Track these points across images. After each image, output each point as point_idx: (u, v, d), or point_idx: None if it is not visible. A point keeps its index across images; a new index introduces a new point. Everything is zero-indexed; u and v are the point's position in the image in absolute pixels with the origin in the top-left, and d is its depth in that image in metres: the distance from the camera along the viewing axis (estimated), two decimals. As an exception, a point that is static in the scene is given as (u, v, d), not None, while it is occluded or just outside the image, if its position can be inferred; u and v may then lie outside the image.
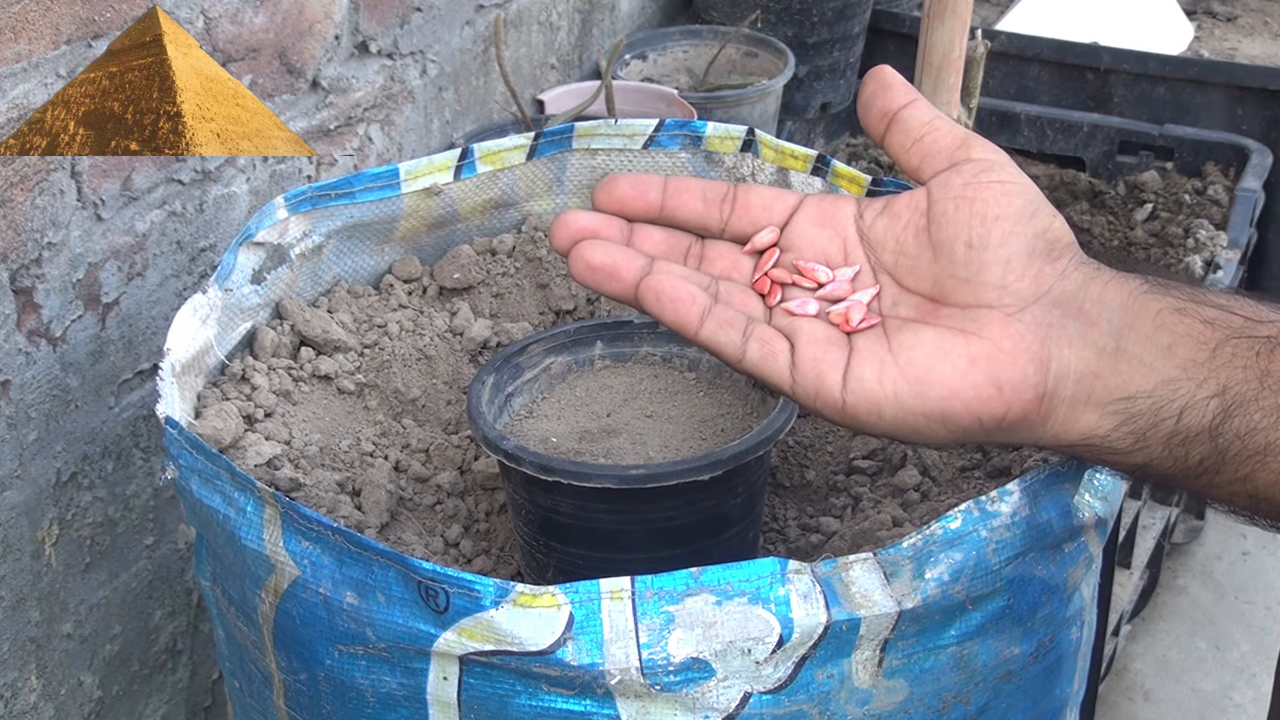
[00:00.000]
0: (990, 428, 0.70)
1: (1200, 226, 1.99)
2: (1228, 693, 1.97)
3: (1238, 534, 2.24)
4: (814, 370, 0.70)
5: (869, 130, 0.75)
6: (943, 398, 0.68)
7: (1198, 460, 0.68)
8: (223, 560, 0.93)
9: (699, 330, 0.71)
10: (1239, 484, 0.69)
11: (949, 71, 1.36)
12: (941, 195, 0.71)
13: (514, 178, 1.22)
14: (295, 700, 0.91)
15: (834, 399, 0.69)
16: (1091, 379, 0.69)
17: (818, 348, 0.71)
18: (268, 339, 1.10)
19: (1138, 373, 0.68)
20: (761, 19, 2.12)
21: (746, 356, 0.71)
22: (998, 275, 0.69)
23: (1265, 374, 0.67)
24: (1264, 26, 2.62)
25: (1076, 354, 0.69)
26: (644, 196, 0.75)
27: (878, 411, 0.69)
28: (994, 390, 0.68)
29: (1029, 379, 0.68)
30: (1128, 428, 0.69)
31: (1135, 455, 0.70)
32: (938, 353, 0.69)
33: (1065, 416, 0.70)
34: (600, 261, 0.72)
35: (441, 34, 1.66)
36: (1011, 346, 0.69)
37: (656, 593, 0.78)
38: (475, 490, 1.09)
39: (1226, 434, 0.67)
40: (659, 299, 0.71)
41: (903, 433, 0.70)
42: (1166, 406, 0.68)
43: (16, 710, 1.20)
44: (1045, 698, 0.92)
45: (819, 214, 0.75)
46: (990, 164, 0.72)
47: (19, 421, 1.14)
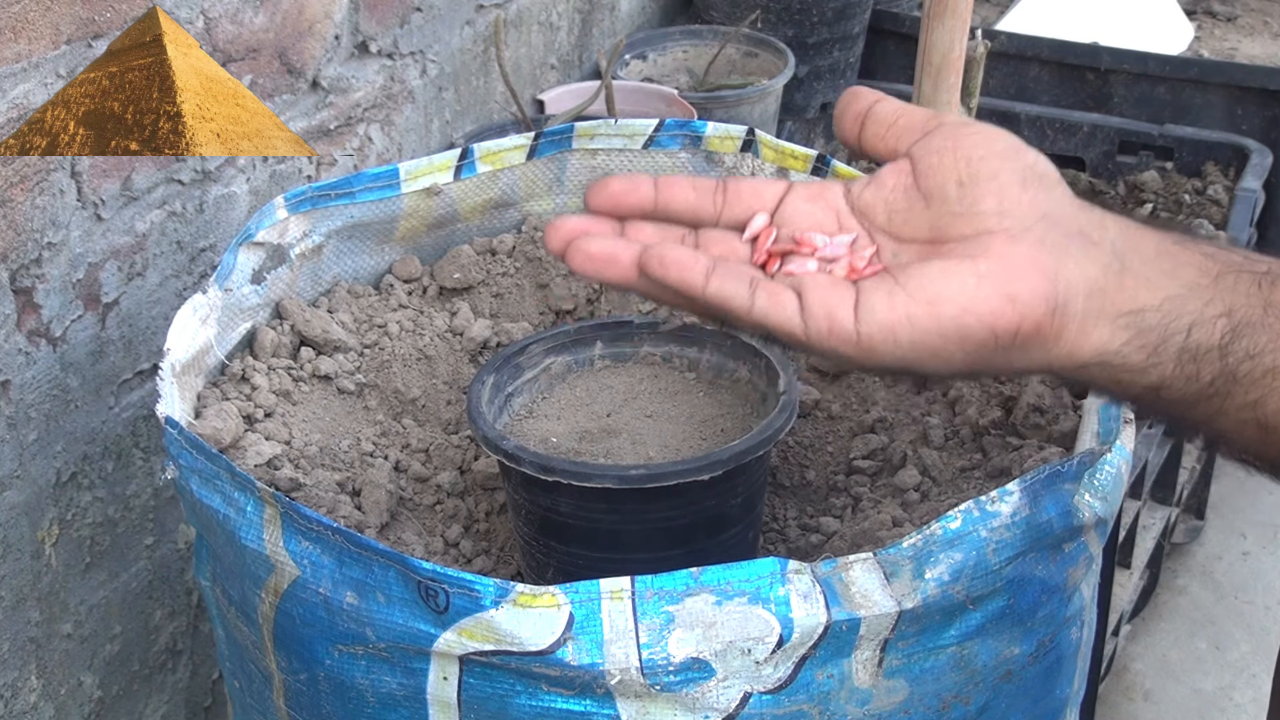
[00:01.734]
0: (1005, 343, 0.69)
1: (1200, 226, 1.99)
2: (1228, 693, 1.97)
3: (1238, 534, 2.24)
4: (824, 310, 0.69)
5: (846, 138, 0.77)
6: (956, 315, 0.68)
7: (1209, 380, 0.70)
8: (223, 560, 0.93)
9: (706, 286, 0.71)
10: (1248, 410, 0.70)
11: (949, 71, 1.36)
12: (923, 154, 0.73)
13: (514, 178, 1.22)
14: (295, 700, 0.91)
15: (848, 332, 0.69)
16: (1100, 294, 0.70)
17: (825, 291, 0.71)
18: (268, 339, 1.10)
19: (1144, 288, 0.70)
20: (761, 19, 2.12)
21: (755, 306, 0.70)
22: (994, 203, 0.70)
23: (1268, 303, 0.69)
24: (1264, 26, 2.63)
25: (1083, 270, 0.70)
26: (637, 190, 0.76)
27: (894, 337, 0.69)
28: (1006, 302, 0.68)
29: (1039, 291, 0.69)
30: (1139, 341, 0.70)
31: (1149, 373, 0.70)
32: (946, 275, 0.69)
33: (1078, 331, 0.70)
34: (598, 250, 0.73)
35: (441, 34, 1.66)
36: (1019, 262, 0.69)
37: (656, 593, 0.78)
38: (475, 490, 1.09)
39: (1236, 352, 0.69)
40: (663, 263, 0.71)
41: (921, 357, 0.70)
42: (1175, 321, 0.69)
43: (16, 710, 1.20)
44: (1045, 698, 0.92)
45: (810, 193, 0.76)
46: (964, 122, 0.74)
47: (19, 421, 1.14)
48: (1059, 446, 1.03)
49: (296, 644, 0.87)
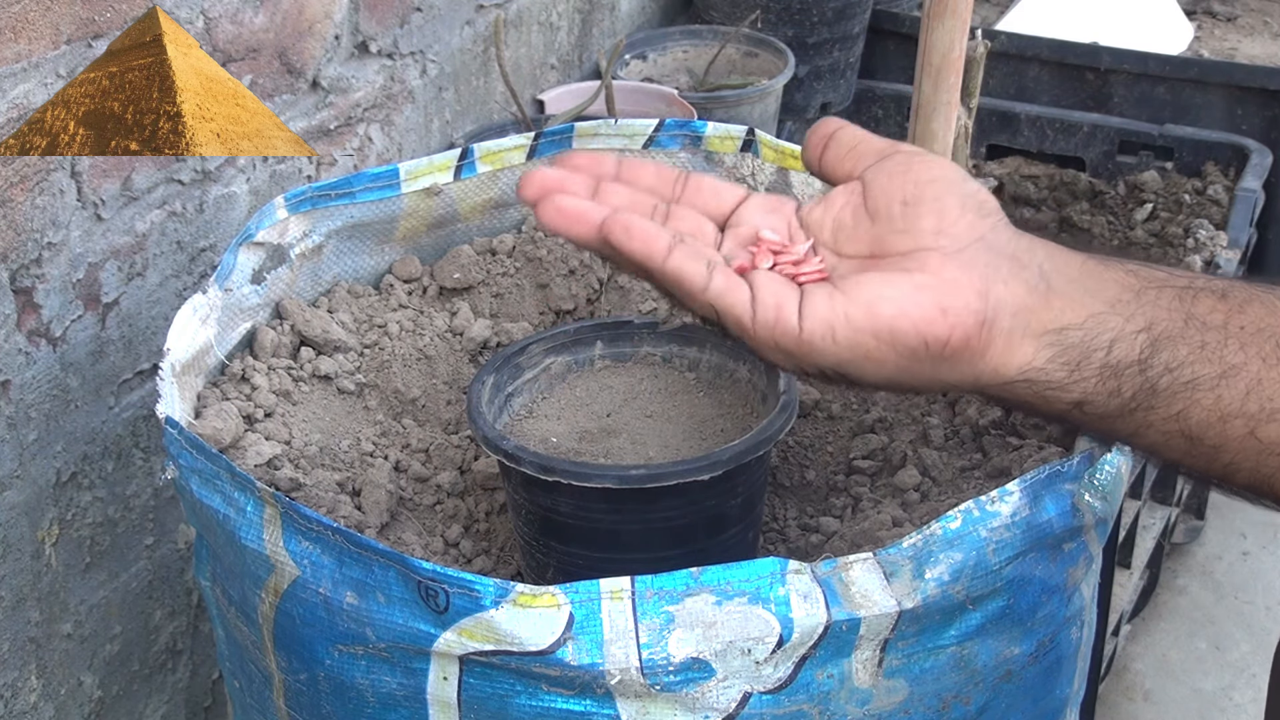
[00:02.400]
0: (935, 352, 0.73)
1: (1200, 226, 1.99)
2: (1228, 693, 1.97)
3: (1238, 534, 2.24)
4: (774, 303, 0.73)
5: (809, 161, 0.80)
6: (891, 317, 0.72)
7: (1130, 394, 0.72)
8: (223, 560, 0.93)
9: (666, 259, 0.73)
10: (1172, 422, 0.72)
11: (949, 71, 1.36)
12: (875, 176, 0.76)
13: (514, 178, 1.22)
14: (295, 700, 0.91)
15: (791, 326, 0.72)
16: (1026, 313, 0.73)
17: (776, 286, 0.74)
18: (268, 339, 1.10)
19: (1068, 307, 0.73)
20: (761, 19, 2.12)
21: (711, 286, 0.73)
22: (933, 223, 0.74)
23: (1189, 316, 0.72)
24: (1264, 26, 2.63)
25: (1010, 290, 0.73)
26: (599, 166, 0.78)
27: (832, 334, 0.72)
28: (939, 312, 0.72)
29: (970, 305, 0.72)
30: (1062, 359, 0.73)
31: (1072, 389, 0.73)
32: (883, 282, 0.73)
33: (1004, 347, 0.73)
34: (570, 206, 0.75)
35: (441, 34, 1.66)
36: (952, 278, 0.73)
37: (656, 593, 0.78)
38: (475, 490, 1.09)
39: (1155, 366, 0.72)
40: (627, 231, 0.74)
41: (855, 358, 0.73)
42: (1097, 338, 0.72)
43: (16, 710, 1.20)
44: (1045, 698, 0.92)
45: (767, 204, 0.80)
46: (918, 152, 0.77)
47: (19, 421, 1.14)
48: (1059, 446, 1.03)
49: (296, 644, 0.87)
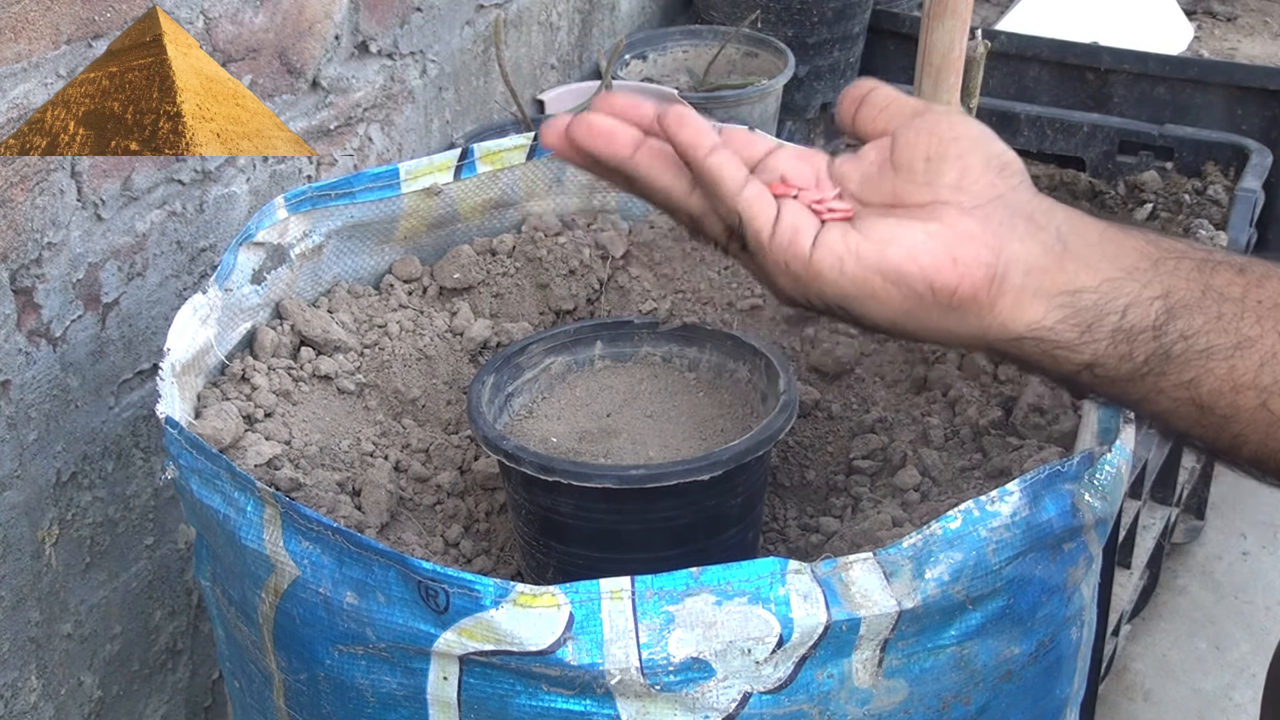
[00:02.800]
0: (943, 301, 0.73)
1: (1200, 226, 1.99)
2: (1228, 693, 1.97)
3: (1238, 534, 2.24)
4: (793, 225, 0.74)
5: (843, 120, 0.80)
6: (901, 258, 0.72)
7: (1142, 359, 0.72)
8: (223, 560, 0.93)
9: (709, 154, 0.75)
10: (1184, 389, 0.72)
11: (949, 71, 1.36)
12: (903, 133, 0.77)
13: (514, 178, 1.22)
14: (295, 700, 0.91)
15: (803, 251, 0.73)
16: (1040, 273, 0.73)
17: (799, 214, 0.75)
18: (268, 339, 1.10)
19: (1084, 270, 0.73)
20: (761, 19, 2.12)
21: (745, 191, 0.75)
22: (954, 178, 0.74)
23: (1207, 287, 0.72)
24: (1264, 26, 2.62)
25: (1026, 248, 0.73)
26: (639, 108, 0.79)
27: (840, 266, 0.73)
28: (949, 260, 0.72)
29: (981, 257, 0.72)
30: (1073, 320, 0.72)
31: (1082, 350, 0.73)
32: (898, 226, 0.74)
33: (1013, 303, 0.73)
34: (600, 124, 0.76)
35: (441, 34, 1.66)
36: (966, 229, 0.73)
37: (656, 593, 0.78)
38: (475, 490, 1.09)
39: (1170, 333, 0.71)
40: (680, 120, 0.75)
41: (860, 294, 0.73)
42: (1111, 303, 0.72)
43: (16, 710, 1.20)
44: (1045, 697, 0.92)
45: (798, 154, 0.80)
46: (948, 112, 0.78)
47: (19, 421, 1.14)
48: (1059, 446, 1.03)
49: (296, 644, 0.87)
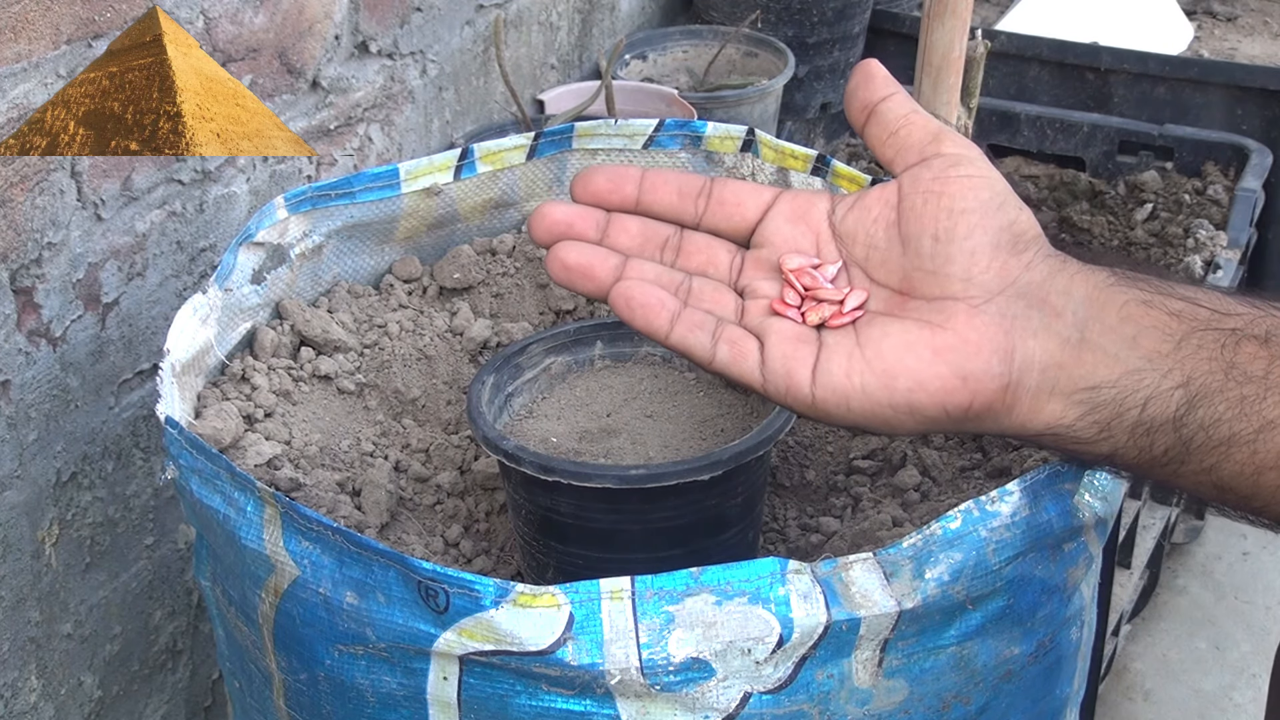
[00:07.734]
0: (957, 417, 0.71)
1: (1200, 226, 1.99)
2: (1228, 693, 1.97)
3: (1238, 534, 2.24)
4: (783, 367, 0.72)
5: (852, 121, 0.77)
6: (909, 389, 0.70)
7: (1162, 450, 0.69)
8: (223, 560, 0.93)
9: (669, 334, 0.74)
10: (1204, 474, 0.69)
11: (949, 71, 1.36)
12: (911, 190, 0.73)
13: (514, 178, 1.22)
14: (295, 700, 0.91)
15: (803, 394, 0.71)
16: (1056, 369, 0.70)
17: (787, 345, 0.72)
18: (268, 339, 1.10)
19: (1102, 363, 0.70)
20: (761, 19, 2.12)
21: (716, 358, 0.73)
22: (963, 268, 0.71)
23: (1230, 366, 0.68)
24: (1264, 26, 2.62)
25: (1041, 345, 0.70)
26: (620, 190, 0.77)
27: (846, 404, 0.71)
28: (959, 381, 0.70)
29: (993, 370, 0.70)
30: (1092, 417, 0.70)
31: (1100, 445, 0.71)
32: (904, 345, 0.71)
33: (1030, 406, 0.71)
34: (575, 261, 0.75)
35: (441, 34, 1.66)
36: (976, 338, 0.70)
37: (656, 593, 0.78)
38: (475, 490, 1.09)
39: (1190, 424, 0.68)
40: (629, 304, 0.74)
41: (872, 424, 0.72)
42: (1131, 397, 0.69)
43: (16, 710, 1.20)
44: (1045, 698, 0.92)
45: (793, 210, 0.77)
46: (959, 158, 0.73)
47: (19, 421, 1.14)
48: (1059, 446, 1.03)
49: (296, 644, 0.87)
